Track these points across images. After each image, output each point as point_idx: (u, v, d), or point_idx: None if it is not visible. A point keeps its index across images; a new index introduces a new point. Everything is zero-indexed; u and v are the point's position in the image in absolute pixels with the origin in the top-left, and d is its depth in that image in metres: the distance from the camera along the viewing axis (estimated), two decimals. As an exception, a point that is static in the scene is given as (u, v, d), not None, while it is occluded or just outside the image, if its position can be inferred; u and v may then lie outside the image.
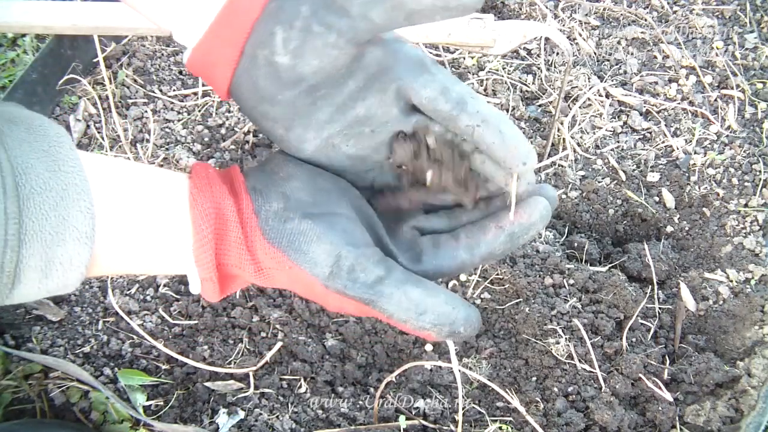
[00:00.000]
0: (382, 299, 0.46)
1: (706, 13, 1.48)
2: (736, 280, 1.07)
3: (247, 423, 0.87)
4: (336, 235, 0.47)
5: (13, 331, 0.92)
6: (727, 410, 0.90)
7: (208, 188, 0.47)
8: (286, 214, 0.47)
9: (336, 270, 0.46)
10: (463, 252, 0.53)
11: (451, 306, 0.48)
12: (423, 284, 0.48)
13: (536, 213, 0.52)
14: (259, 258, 0.47)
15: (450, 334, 0.47)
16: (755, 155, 1.24)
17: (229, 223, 0.47)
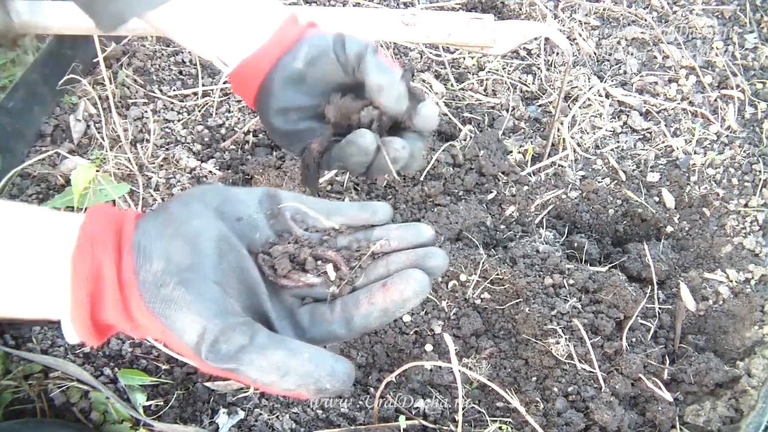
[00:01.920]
0: (243, 367, 0.46)
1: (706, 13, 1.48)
2: (736, 280, 1.07)
3: (247, 423, 0.87)
4: (205, 306, 0.47)
5: (13, 331, 0.92)
6: (727, 410, 0.90)
7: (89, 248, 0.48)
8: (163, 278, 0.48)
9: (200, 342, 0.46)
10: (337, 327, 0.54)
11: (314, 364, 0.47)
12: (286, 345, 0.48)
13: (409, 289, 0.52)
14: (135, 316, 0.48)
15: (317, 391, 0.47)
16: (755, 155, 1.24)
17: (107, 286, 0.47)
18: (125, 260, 0.48)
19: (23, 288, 0.48)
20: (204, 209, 0.54)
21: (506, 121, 1.23)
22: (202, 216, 0.53)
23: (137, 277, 0.48)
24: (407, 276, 0.53)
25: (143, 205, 1.04)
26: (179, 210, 0.53)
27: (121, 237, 0.50)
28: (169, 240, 0.50)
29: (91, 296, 0.47)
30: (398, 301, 0.52)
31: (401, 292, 0.52)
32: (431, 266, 0.55)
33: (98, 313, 0.48)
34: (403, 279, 0.53)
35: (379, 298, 0.53)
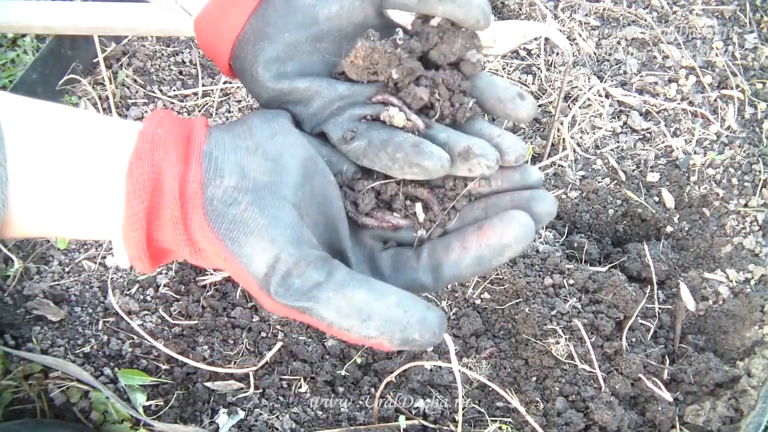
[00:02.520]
0: (319, 306, 0.40)
1: (706, 13, 1.48)
2: (736, 280, 1.07)
3: (247, 423, 0.87)
4: (280, 231, 0.41)
5: (13, 331, 0.92)
6: (727, 410, 0.90)
7: (150, 153, 0.41)
8: (234, 196, 0.41)
9: (271, 273, 0.40)
10: (423, 275, 0.47)
11: (402, 309, 0.40)
12: (369, 284, 0.41)
13: (510, 233, 0.44)
14: (197, 239, 0.42)
15: (403, 342, 0.40)
16: (755, 155, 1.24)
17: (167, 197, 0.41)
18: (192, 171, 0.41)
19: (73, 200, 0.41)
20: (289, 126, 0.47)
21: (506, 121, 1.23)
22: (287, 133, 0.46)
23: (204, 192, 0.41)
24: (509, 217, 0.44)
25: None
26: (261, 123, 0.46)
27: (189, 145, 0.43)
28: (246, 154, 0.43)
29: (148, 210, 0.41)
30: (496, 247, 0.44)
31: (500, 235, 0.44)
32: (538, 211, 0.46)
33: (154, 231, 0.42)
34: (503, 221, 0.44)
35: (474, 243, 0.45)
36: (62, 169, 0.40)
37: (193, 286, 0.97)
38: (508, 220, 0.44)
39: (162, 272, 0.99)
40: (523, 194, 0.47)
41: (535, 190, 0.47)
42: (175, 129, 0.43)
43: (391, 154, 0.47)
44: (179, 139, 0.42)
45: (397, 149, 0.46)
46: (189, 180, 0.41)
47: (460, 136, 0.48)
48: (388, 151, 0.47)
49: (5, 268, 0.97)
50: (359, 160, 0.48)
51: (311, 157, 0.46)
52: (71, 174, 0.40)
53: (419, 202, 0.49)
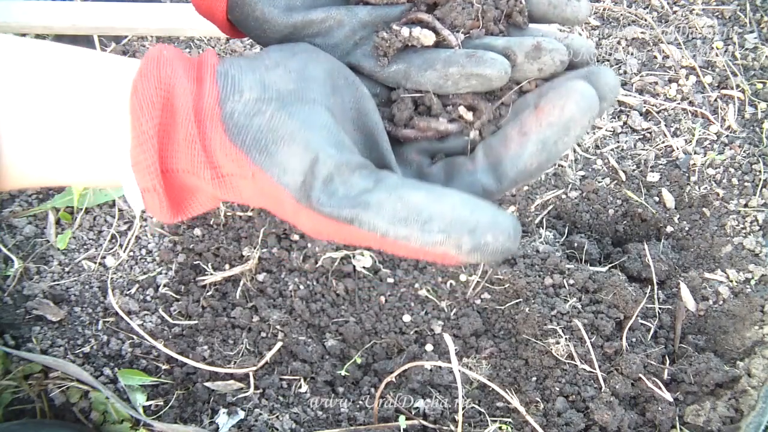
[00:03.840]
0: (370, 212, 0.34)
1: (706, 13, 1.48)
2: (736, 280, 1.07)
3: (247, 423, 0.87)
4: (314, 133, 0.35)
5: (13, 331, 0.92)
6: (727, 410, 0.90)
7: (156, 71, 0.36)
8: (257, 107, 0.36)
9: (309, 179, 0.35)
10: (483, 176, 0.40)
11: (469, 209, 0.34)
12: (427, 187, 0.35)
13: (571, 104, 0.37)
14: (218, 160, 0.36)
15: (474, 247, 0.33)
16: (755, 155, 1.24)
17: (180, 115, 0.35)
18: (207, 89, 0.36)
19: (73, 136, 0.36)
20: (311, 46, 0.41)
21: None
22: (309, 50, 0.40)
23: (222, 108, 0.36)
24: (567, 88, 0.38)
25: (143, 205, 1.04)
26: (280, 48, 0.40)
27: (201, 67, 0.38)
28: (265, 70, 0.38)
29: (159, 129, 0.35)
30: (559, 124, 0.37)
31: (561, 108, 0.37)
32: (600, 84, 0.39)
33: (168, 157, 0.36)
34: (561, 93, 0.38)
35: (533, 125, 0.38)
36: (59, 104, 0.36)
37: (193, 286, 0.97)
38: (567, 91, 0.38)
39: (162, 272, 0.99)
40: (579, 72, 0.41)
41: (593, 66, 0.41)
42: (182, 55, 0.38)
43: (442, 70, 0.41)
44: (189, 65, 0.38)
45: (448, 64, 0.41)
46: (204, 97, 0.36)
47: (521, 37, 0.42)
48: (437, 68, 0.41)
49: (5, 268, 0.97)
50: (401, 84, 0.42)
51: (340, 69, 0.40)
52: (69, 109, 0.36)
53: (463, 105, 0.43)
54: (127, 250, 1.00)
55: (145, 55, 0.37)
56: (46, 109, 0.35)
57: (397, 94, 0.43)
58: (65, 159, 0.37)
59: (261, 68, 0.38)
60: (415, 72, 0.42)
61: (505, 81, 0.41)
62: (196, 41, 1.30)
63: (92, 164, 0.37)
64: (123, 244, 1.01)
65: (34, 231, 1.01)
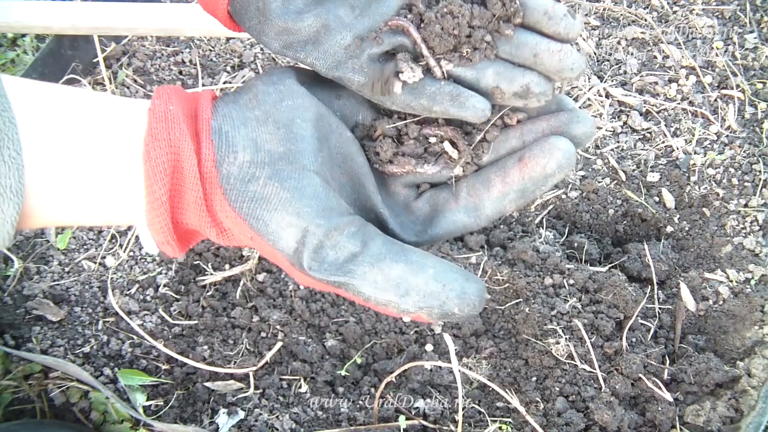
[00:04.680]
0: (355, 281, 0.39)
1: (706, 13, 1.48)
2: (736, 280, 1.07)
3: (247, 423, 0.87)
4: (304, 203, 0.39)
5: (13, 331, 0.92)
6: (727, 410, 0.90)
7: (165, 132, 0.39)
8: (251, 172, 0.39)
9: (301, 248, 0.39)
10: (463, 215, 0.45)
11: (441, 283, 0.39)
12: (407, 257, 0.40)
13: (553, 162, 0.42)
14: (221, 219, 0.40)
15: (442, 315, 0.39)
16: (755, 155, 1.24)
17: (188, 180, 0.39)
18: (204, 149, 0.39)
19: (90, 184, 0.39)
20: (297, 87, 0.44)
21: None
22: (295, 95, 0.43)
23: (219, 171, 0.39)
24: (550, 146, 0.42)
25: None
26: (266, 89, 0.43)
27: (197, 121, 0.41)
28: (256, 125, 0.41)
29: (170, 194, 0.39)
30: (539, 178, 0.42)
31: (543, 166, 0.42)
32: (578, 134, 0.44)
33: (179, 214, 0.40)
34: (545, 149, 0.42)
35: (516, 176, 0.43)
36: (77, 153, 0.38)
37: (193, 286, 0.97)
38: (550, 149, 0.42)
39: (162, 272, 0.99)
40: (560, 117, 0.45)
41: (572, 112, 0.45)
42: (184, 105, 0.41)
43: (427, 105, 0.44)
44: (188, 116, 0.41)
45: (432, 101, 0.43)
46: (203, 160, 0.39)
47: (513, 72, 0.44)
48: (423, 102, 0.44)
49: (5, 268, 0.97)
50: (387, 105, 0.45)
51: (324, 116, 0.43)
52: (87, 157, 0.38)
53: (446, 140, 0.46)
54: (127, 250, 1.00)
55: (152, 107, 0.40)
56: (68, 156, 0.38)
57: (381, 126, 0.45)
58: (85, 204, 0.40)
59: (252, 122, 0.41)
60: (401, 101, 0.44)
61: (483, 120, 0.44)
62: (196, 41, 1.30)
63: (110, 210, 0.41)
64: (123, 244, 1.01)
65: (34, 231, 1.01)
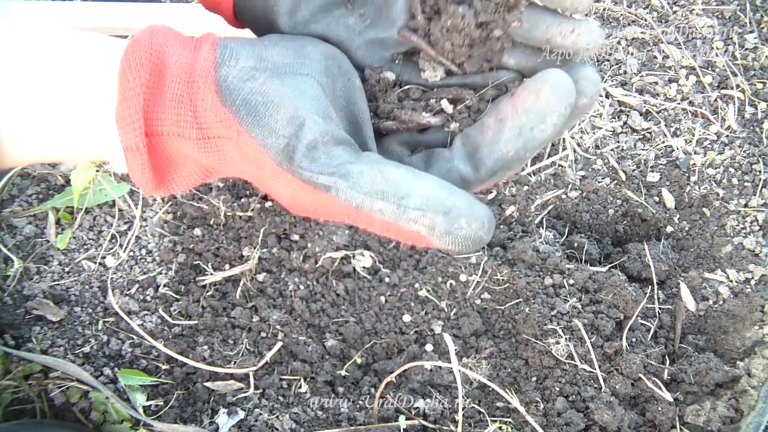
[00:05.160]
0: (348, 181, 0.34)
1: (706, 13, 1.48)
2: (736, 280, 1.07)
3: (247, 423, 0.87)
4: (304, 101, 0.36)
5: (13, 331, 0.92)
6: (727, 410, 0.90)
7: (148, 38, 0.36)
8: (251, 73, 0.37)
9: (293, 142, 0.35)
10: (460, 164, 0.40)
11: (446, 191, 0.34)
12: (407, 167, 0.36)
13: (546, 90, 0.37)
14: (207, 120, 0.36)
15: (447, 230, 0.33)
16: (755, 155, 1.24)
17: (170, 76, 0.36)
18: (203, 54, 0.37)
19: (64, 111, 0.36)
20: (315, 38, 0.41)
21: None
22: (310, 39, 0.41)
23: (217, 72, 0.36)
24: (543, 75, 0.37)
25: (143, 205, 1.04)
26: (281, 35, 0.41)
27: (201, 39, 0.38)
28: (264, 47, 0.39)
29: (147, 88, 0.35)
30: (535, 111, 0.37)
31: (536, 95, 0.37)
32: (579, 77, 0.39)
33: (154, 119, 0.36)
34: (537, 80, 0.37)
35: (509, 111, 0.38)
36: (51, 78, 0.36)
37: (193, 286, 0.97)
38: (542, 79, 0.37)
39: (162, 272, 0.99)
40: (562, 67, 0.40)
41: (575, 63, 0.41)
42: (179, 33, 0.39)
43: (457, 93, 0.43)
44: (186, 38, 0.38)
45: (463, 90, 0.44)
46: (199, 61, 0.36)
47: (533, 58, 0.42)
48: None
49: (5, 268, 0.97)
50: None
51: (337, 56, 0.41)
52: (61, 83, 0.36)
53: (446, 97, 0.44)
54: (127, 250, 1.00)
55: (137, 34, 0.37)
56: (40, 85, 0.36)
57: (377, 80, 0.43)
58: (59, 133, 0.37)
59: (260, 45, 0.39)
60: None
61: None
62: (196, 41, 1.30)
63: (84, 136, 0.38)
64: (123, 244, 1.01)
65: (34, 231, 1.01)
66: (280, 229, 1.00)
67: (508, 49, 0.42)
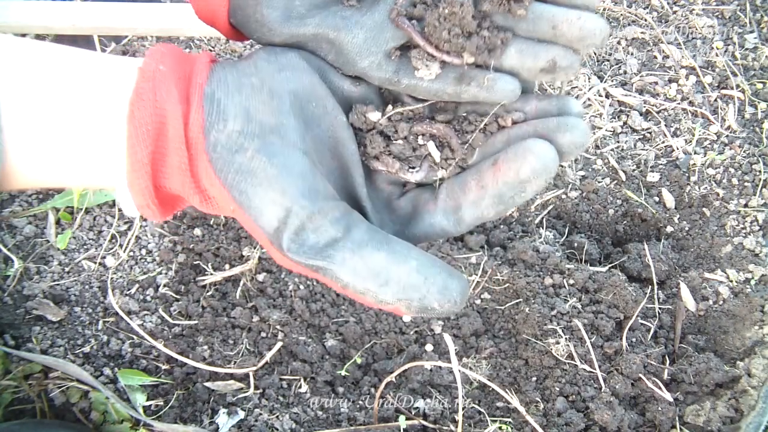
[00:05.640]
0: (334, 266, 0.37)
1: (706, 13, 1.48)
2: (736, 280, 1.07)
3: (247, 423, 0.87)
4: (290, 182, 0.38)
5: (13, 331, 0.92)
6: (727, 410, 0.90)
7: (151, 93, 0.37)
8: (239, 142, 0.38)
9: (282, 227, 0.37)
10: (442, 219, 0.43)
11: (423, 276, 0.37)
12: (389, 246, 0.38)
13: (526, 167, 0.39)
14: (205, 187, 0.39)
15: (421, 309, 0.38)
16: (755, 155, 1.24)
17: (172, 143, 0.37)
18: (193, 114, 0.38)
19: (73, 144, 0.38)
20: (298, 60, 0.42)
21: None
22: (295, 68, 0.42)
23: (206, 138, 0.38)
24: (523, 149, 0.39)
25: (143, 205, 1.04)
26: (267, 58, 0.42)
27: (190, 84, 0.39)
28: (251, 93, 0.40)
29: (153, 156, 0.37)
30: (513, 183, 0.40)
31: (516, 171, 0.39)
32: (564, 142, 0.40)
33: (161, 178, 0.38)
34: (518, 153, 0.39)
35: (490, 180, 0.41)
36: (60, 110, 0.37)
37: (193, 286, 0.97)
38: (523, 153, 0.39)
39: (162, 272, 0.99)
40: (548, 122, 0.42)
41: (564, 117, 0.42)
42: (177, 67, 0.39)
43: (453, 92, 0.43)
44: (181, 78, 0.39)
45: (459, 88, 0.43)
46: (191, 125, 0.38)
47: (536, 48, 0.43)
48: (448, 90, 0.43)
49: (5, 268, 0.97)
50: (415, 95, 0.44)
51: (321, 97, 0.42)
52: (70, 115, 0.37)
53: (432, 140, 0.44)
54: (127, 250, 1.00)
55: (142, 65, 0.38)
56: (48, 113, 0.37)
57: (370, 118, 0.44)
58: (66, 162, 0.38)
59: (247, 89, 0.40)
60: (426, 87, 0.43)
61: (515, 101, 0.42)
62: (196, 41, 1.30)
63: (91, 169, 0.39)
64: (123, 244, 1.01)
65: (34, 231, 1.01)
66: (280, 229, 1.00)
67: (507, 43, 0.42)
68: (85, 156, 0.38)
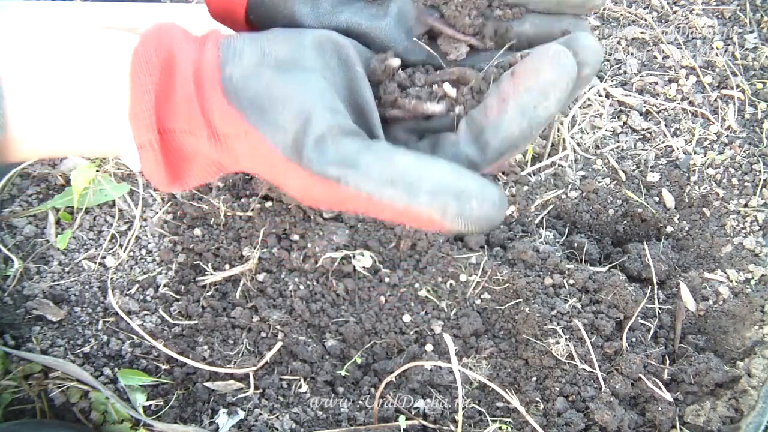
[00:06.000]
0: (358, 172, 0.34)
1: (706, 13, 1.48)
2: (736, 280, 1.07)
3: (247, 423, 0.87)
4: (309, 96, 0.36)
5: (13, 331, 0.92)
6: (727, 410, 0.90)
7: (157, 37, 0.37)
8: (256, 71, 0.37)
9: (301, 136, 0.35)
10: (466, 147, 0.39)
11: (456, 175, 0.34)
12: (417, 153, 0.36)
13: (546, 66, 0.37)
14: (215, 121, 0.37)
15: (458, 213, 0.33)
16: (755, 155, 1.24)
17: (179, 76, 0.36)
18: (208, 54, 0.37)
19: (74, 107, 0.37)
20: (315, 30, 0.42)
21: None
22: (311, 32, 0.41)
23: (222, 71, 0.37)
24: (540, 51, 0.38)
25: (143, 205, 1.04)
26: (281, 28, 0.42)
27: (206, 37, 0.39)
28: (267, 41, 0.39)
29: (158, 87, 0.36)
30: (536, 88, 0.37)
31: (536, 71, 0.37)
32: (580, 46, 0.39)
33: (166, 114, 0.37)
34: (534, 56, 0.38)
35: (510, 90, 0.38)
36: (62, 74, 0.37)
37: (193, 286, 0.97)
38: (542, 55, 0.37)
39: (162, 272, 0.99)
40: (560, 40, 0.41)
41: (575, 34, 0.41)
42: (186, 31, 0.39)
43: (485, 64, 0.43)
44: (193, 36, 0.39)
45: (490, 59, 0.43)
46: (204, 61, 0.37)
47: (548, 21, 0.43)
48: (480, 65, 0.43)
49: (5, 268, 0.97)
50: None
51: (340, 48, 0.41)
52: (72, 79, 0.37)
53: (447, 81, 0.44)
54: (127, 250, 1.00)
55: (145, 32, 0.38)
56: (50, 77, 0.36)
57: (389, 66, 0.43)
58: (69, 128, 0.37)
59: (262, 39, 0.39)
60: None
61: None
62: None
63: (95, 132, 0.38)
64: (123, 244, 1.01)
65: (34, 231, 1.01)
66: (280, 229, 1.00)
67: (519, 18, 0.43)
68: (88, 119, 0.37)
